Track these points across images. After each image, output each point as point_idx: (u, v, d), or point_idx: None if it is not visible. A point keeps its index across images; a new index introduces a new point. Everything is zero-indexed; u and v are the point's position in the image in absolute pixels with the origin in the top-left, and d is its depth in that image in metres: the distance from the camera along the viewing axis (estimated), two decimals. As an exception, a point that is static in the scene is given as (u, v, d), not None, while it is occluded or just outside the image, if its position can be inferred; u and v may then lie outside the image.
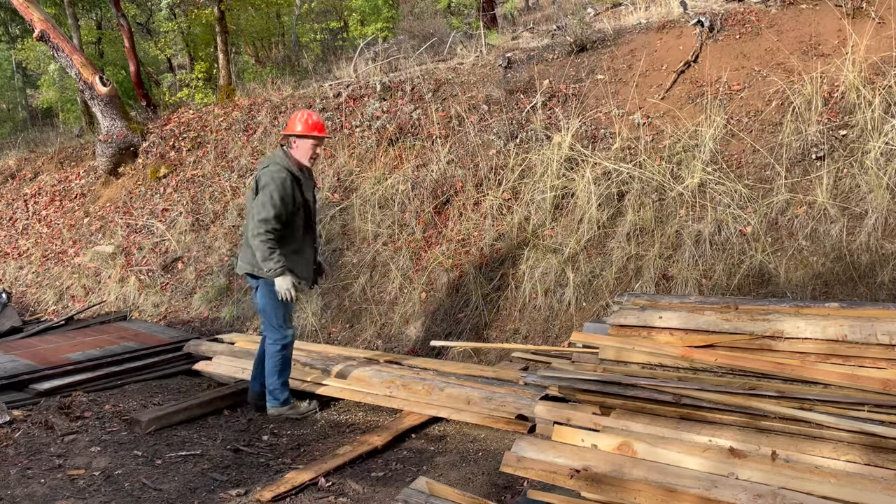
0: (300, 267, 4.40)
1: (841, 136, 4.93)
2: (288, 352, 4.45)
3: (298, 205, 4.29)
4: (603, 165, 5.60)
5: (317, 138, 4.36)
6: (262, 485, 3.47)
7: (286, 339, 4.42)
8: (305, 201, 4.34)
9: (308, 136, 4.33)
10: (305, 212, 4.36)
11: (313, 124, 4.34)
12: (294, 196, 4.25)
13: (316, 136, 4.34)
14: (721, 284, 4.70)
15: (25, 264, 9.06)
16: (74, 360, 5.43)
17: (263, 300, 4.37)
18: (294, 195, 4.25)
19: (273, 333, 4.39)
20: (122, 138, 9.42)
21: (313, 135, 4.33)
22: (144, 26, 19.27)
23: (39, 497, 3.40)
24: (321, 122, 4.39)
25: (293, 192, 4.24)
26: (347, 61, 9.86)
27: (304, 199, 4.32)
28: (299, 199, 4.29)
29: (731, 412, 2.92)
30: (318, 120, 4.38)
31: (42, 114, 24.34)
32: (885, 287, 4.20)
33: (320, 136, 4.37)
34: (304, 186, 4.32)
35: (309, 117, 4.35)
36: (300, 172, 4.32)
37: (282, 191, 4.17)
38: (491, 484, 3.40)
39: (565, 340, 4.77)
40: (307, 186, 4.39)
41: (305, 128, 4.33)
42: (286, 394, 4.49)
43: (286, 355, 4.44)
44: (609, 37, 6.98)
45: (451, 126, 6.84)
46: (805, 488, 2.51)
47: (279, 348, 4.39)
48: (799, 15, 6.02)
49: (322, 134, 4.37)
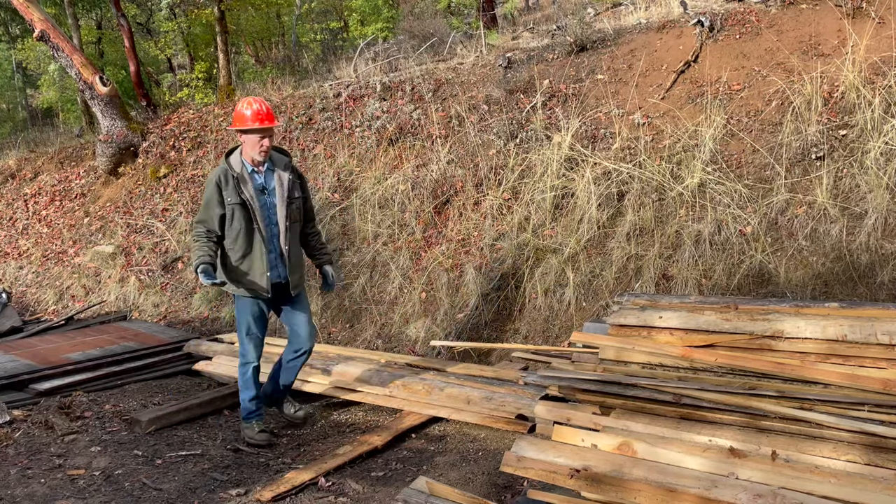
0: (248, 276, 3.95)
1: (841, 136, 4.93)
2: (247, 375, 4.14)
3: (232, 206, 3.87)
4: (603, 165, 5.60)
5: (259, 131, 3.87)
6: (262, 485, 3.47)
7: (245, 360, 4.13)
8: (243, 202, 3.86)
9: (248, 130, 3.88)
10: (245, 213, 3.88)
11: (252, 115, 3.86)
12: (222, 198, 3.86)
13: (257, 128, 3.86)
14: (721, 284, 4.70)
15: (25, 264, 9.06)
16: (74, 360, 5.43)
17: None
18: (222, 197, 3.86)
19: (239, 348, 4.17)
20: (122, 138, 9.42)
21: (254, 127, 3.86)
22: (144, 26, 19.26)
23: (39, 497, 3.40)
24: (262, 110, 3.88)
25: (221, 193, 3.85)
26: (347, 61, 9.86)
27: (241, 200, 3.86)
28: (233, 199, 3.85)
29: (731, 412, 2.92)
30: (258, 109, 3.88)
31: (42, 114, 24.34)
32: (885, 287, 4.20)
33: (261, 129, 3.86)
34: (243, 184, 3.88)
35: (248, 107, 3.89)
36: (244, 169, 3.92)
37: (207, 193, 3.90)
38: (491, 484, 3.40)
39: (565, 340, 4.77)
40: (255, 184, 3.93)
41: (243, 121, 3.89)
42: (247, 411, 4.18)
43: (246, 377, 4.14)
44: (609, 37, 6.98)
45: (451, 126, 6.84)
46: (805, 488, 2.50)
47: (241, 363, 4.17)
48: (799, 15, 6.02)
49: (262, 125, 3.85)
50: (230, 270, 3.99)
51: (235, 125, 3.92)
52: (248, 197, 3.88)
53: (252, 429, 4.14)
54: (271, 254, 3.97)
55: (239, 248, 3.93)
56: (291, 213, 4.01)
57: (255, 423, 4.16)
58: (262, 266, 3.94)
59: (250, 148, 3.90)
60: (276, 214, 3.97)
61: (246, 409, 4.19)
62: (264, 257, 3.93)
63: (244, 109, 3.89)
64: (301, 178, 4.16)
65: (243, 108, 3.89)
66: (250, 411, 4.18)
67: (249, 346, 4.11)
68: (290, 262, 4.04)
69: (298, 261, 4.15)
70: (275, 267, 3.99)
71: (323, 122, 7.94)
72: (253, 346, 4.12)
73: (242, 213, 3.88)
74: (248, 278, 3.96)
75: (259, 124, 3.85)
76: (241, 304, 4.06)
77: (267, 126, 3.87)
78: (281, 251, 4.00)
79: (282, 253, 4.00)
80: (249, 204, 3.88)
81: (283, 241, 3.99)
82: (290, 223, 4.01)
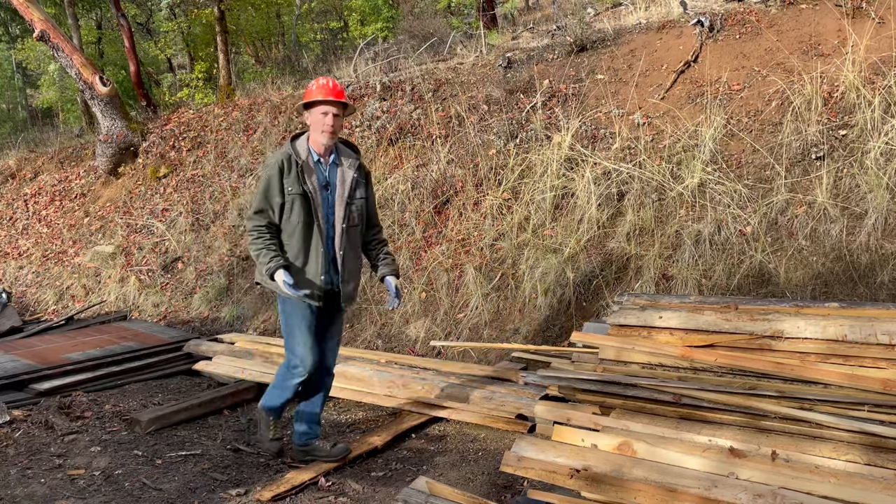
0: (303, 276, 3.48)
1: (841, 136, 4.93)
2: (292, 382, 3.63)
3: (293, 197, 3.43)
4: (603, 165, 5.60)
5: (324, 103, 3.45)
6: (262, 484, 3.47)
7: (296, 371, 3.57)
8: (305, 193, 3.43)
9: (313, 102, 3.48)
10: (307, 206, 3.44)
11: (318, 87, 3.49)
12: (283, 186, 3.42)
13: (321, 100, 3.45)
14: (721, 284, 4.70)
15: (25, 264, 9.06)
16: (74, 360, 5.43)
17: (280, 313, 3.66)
18: (282, 185, 3.42)
19: (287, 355, 3.63)
20: (122, 138, 9.42)
21: (317, 99, 3.46)
22: (144, 26, 19.28)
23: (39, 497, 3.40)
24: (328, 84, 3.49)
25: (282, 179, 3.42)
26: (347, 61, 9.86)
27: (303, 191, 3.43)
28: (294, 189, 3.42)
29: (731, 412, 2.92)
30: (325, 83, 3.50)
31: (42, 114, 24.35)
32: (885, 287, 4.20)
33: (328, 101, 3.44)
34: (307, 174, 3.45)
35: (317, 82, 3.52)
36: (310, 157, 3.49)
37: (266, 178, 3.46)
38: (491, 484, 3.40)
39: (565, 340, 4.77)
40: (319, 173, 3.51)
41: (308, 94, 3.51)
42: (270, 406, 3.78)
43: (288, 383, 3.64)
44: (609, 37, 6.98)
45: (451, 126, 6.84)
46: (805, 488, 2.51)
47: (285, 369, 3.65)
48: (799, 15, 6.02)
49: (326, 97, 3.45)
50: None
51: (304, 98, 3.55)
52: (311, 189, 3.44)
53: (267, 428, 3.77)
54: (326, 257, 3.52)
55: (295, 245, 3.47)
56: (350, 214, 3.56)
57: (273, 422, 3.77)
58: (317, 267, 3.49)
59: (315, 127, 3.48)
60: (334, 215, 3.52)
61: (270, 403, 3.75)
62: (320, 258, 3.49)
63: (311, 85, 3.52)
64: (367, 178, 3.70)
65: (311, 85, 3.53)
66: (273, 407, 3.75)
67: (303, 351, 3.53)
68: (343, 269, 3.56)
69: (354, 270, 3.64)
70: (327, 272, 3.52)
71: (323, 122, 7.93)
72: (312, 356, 3.54)
73: (303, 205, 3.44)
74: (301, 279, 3.46)
75: (323, 96, 3.44)
76: (291, 307, 3.53)
77: (333, 99, 3.44)
78: (334, 255, 3.54)
79: (335, 258, 3.54)
80: (311, 197, 3.44)
81: (337, 245, 3.53)
82: (348, 226, 3.55)
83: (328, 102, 3.45)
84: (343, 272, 3.56)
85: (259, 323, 6.49)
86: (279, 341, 5.63)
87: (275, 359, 5.15)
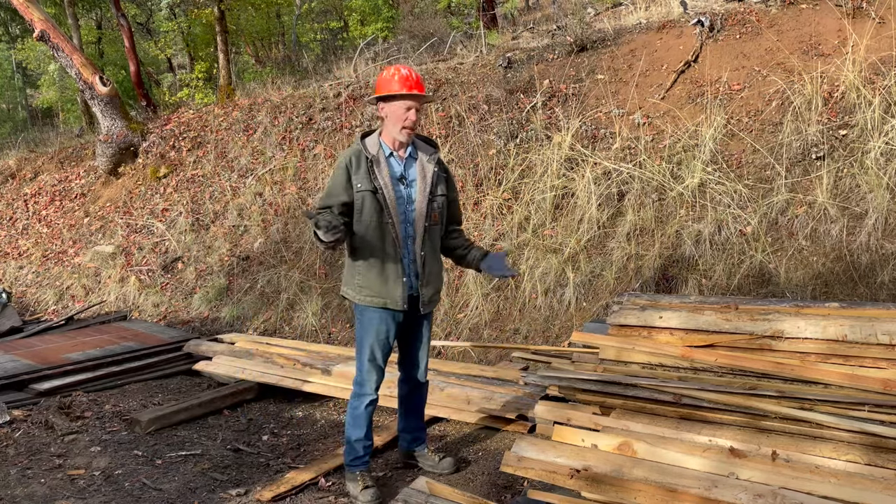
0: (381, 280, 3.20)
1: (841, 136, 4.93)
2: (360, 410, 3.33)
3: (362, 194, 3.14)
4: (603, 165, 5.60)
5: (407, 97, 3.17)
6: (262, 485, 3.47)
7: (361, 391, 3.33)
8: (375, 189, 3.14)
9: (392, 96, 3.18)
10: (377, 204, 3.15)
11: (400, 79, 3.17)
12: (350, 183, 3.15)
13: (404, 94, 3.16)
14: (721, 284, 4.70)
15: (25, 264, 9.06)
16: (74, 360, 5.43)
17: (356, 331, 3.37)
18: (350, 182, 3.15)
19: (356, 373, 3.38)
20: (122, 138, 9.42)
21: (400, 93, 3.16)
22: (144, 26, 19.28)
23: (39, 497, 3.40)
24: (410, 76, 3.19)
25: (350, 177, 3.15)
26: (347, 61, 9.86)
27: (373, 187, 3.14)
28: (363, 185, 3.14)
29: (731, 412, 2.92)
30: (406, 74, 3.18)
31: (42, 114, 24.36)
32: (885, 287, 4.20)
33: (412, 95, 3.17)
34: (377, 169, 3.17)
35: (396, 72, 3.19)
36: (381, 151, 3.22)
37: (333, 177, 3.21)
38: (491, 484, 3.40)
39: (565, 340, 4.77)
40: (392, 167, 3.23)
41: (386, 85, 3.19)
42: (353, 455, 3.37)
43: (358, 412, 3.33)
44: (609, 37, 6.98)
45: (451, 126, 6.84)
46: (805, 488, 2.50)
47: (351, 397, 3.38)
48: (799, 15, 6.02)
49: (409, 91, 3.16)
50: (357, 274, 3.24)
51: (377, 93, 3.21)
52: (382, 184, 3.15)
53: (356, 482, 3.32)
54: (404, 258, 3.23)
55: (369, 247, 3.18)
56: (432, 211, 3.26)
57: (360, 474, 3.34)
58: (396, 270, 3.19)
59: (393, 122, 3.19)
60: (414, 211, 3.23)
61: (352, 452, 3.36)
62: (399, 260, 3.20)
63: (388, 75, 3.19)
64: (448, 174, 3.42)
65: (387, 74, 3.20)
66: (356, 456, 3.36)
67: (370, 375, 3.29)
68: (424, 271, 3.27)
69: (436, 273, 3.36)
70: (407, 275, 3.23)
71: (323, 122, 7.94)
72: (375, 375, 3.30)
73: (374, 203, 3.15)
74: (379, 285, 3.19)
75: (406, 90, 3.14)
76: (367, 319, 3.26)
77: (416, 93, 3.16)
78: (415, 256, 3.24)
79: (415, 259, 3.24)
80: (382, 192, 3.15)
81: (418, 245, 3.24)
82: (430, 224, 3.27)
83: (411, 97, 3.16)
84: (423, 275, 3.27)
85: (259, 323, 6.49)
86: (279, 341, 5.63)
87: (275, 359, 5.14)
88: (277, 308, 6.48)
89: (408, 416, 3.63)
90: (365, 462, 3.38)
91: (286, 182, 7.70)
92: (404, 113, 3.17)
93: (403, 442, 3.68)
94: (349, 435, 3.35)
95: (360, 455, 3.35)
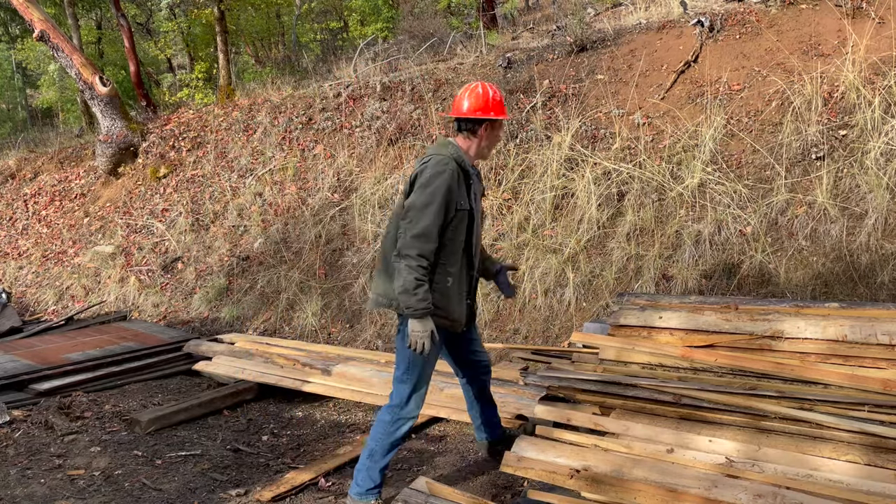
0: (454, 303, 3.04)
1: (841, 136, 4.93)
2: (400, 433, 3.10)
3: (463, 213, 2.99)
4: (603, 165, 5.60)
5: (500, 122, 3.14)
6: (262, 485, 3.47)
7: (404, 415, 3.08)
8: (472, 210, 3.03)
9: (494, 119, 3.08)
10: (469, 225, 3.04)
11: (499, 103, 3.09)
12: (458, 200, 2.96)
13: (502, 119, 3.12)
14: (721, 284, 4.70)
15: (25, 264, 9.06)
16: (74, 360, 5.43)
17: (399, 339, 3.09)
18: (458, 199, 2.96)
19: (396, 394, 3.11)
20: (122, 138, 9.42)
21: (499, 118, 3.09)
22: (144, 26, 19.28)
23: (39, 497, 3.40)
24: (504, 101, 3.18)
25: (457, 194, 2.96)
26: (347, 61, 9.86)
27: (470, 208, 3.02)
28: (465, 205, 2.99)
29: (731, 412, 2.92)
30: (502, 98, 3.14)
31: (42, 114, 24.37)
32: (885, 287, 4.20)
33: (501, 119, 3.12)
34: (473, 188, 3.07)
35: (495, 94, 3.09)
36: (472, 169, 3.10)
37: (439, 191, 2.89)
38: (491, 484, 3.40)
39: (565, 340, 4.77)
40: (477, 189, 3.14)
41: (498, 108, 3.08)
42: (371, 483, 3.11)
43: (396, 436, 3.09)
44: (609, 37, 6.98)
45: (451, 126, 6.84)
46: (805, 488, 2.50)
47: (390, 420, 3.08)
48: (799, 15, 6.02)
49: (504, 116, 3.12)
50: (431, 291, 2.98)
51: (489, 113, 3.05)
52: (473, 203, 3.06)
53: None
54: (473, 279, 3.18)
55: (448, 268, 3.02)
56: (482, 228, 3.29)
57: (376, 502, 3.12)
58: (461, 290, 3.08)
59: (490, 143, 3.12)
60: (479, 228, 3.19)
61: (372, 479, 3.11)
62: (463, 280, 3.09)
63: (495, 96, 3.08)
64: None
65: (492, 95, 3.07)
66: (375, 485, 3.11)
67: (417, 395, 3.09)
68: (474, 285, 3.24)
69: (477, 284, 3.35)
70: (469, 293, 3.16)
71: (323, 122, 7.94)
72: (421, 396, 3.12)
73: (465, 223, 3.02)
74: (446, 304, 3.02)
75: (505, 115, 3.13)
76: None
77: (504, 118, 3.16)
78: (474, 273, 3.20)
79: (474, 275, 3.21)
80: (473, 211, 3.05)
81: (476, 263, 3.21)
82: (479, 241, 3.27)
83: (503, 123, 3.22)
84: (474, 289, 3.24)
85: (259, 323, 6.49)
86: (279, 341, 5.62)
87: (274, 359, 5.14)
88: (277, 308, 6.48)
89: (485, 409, 3.53)
90: (380, 490, 3.14)
91: (286, 182, 7.70)
92: (501, 135, 3.25)
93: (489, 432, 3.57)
94: (375, 460, 3.09)
95: (378, 484, 3.12)
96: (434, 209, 2.89)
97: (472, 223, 3.05)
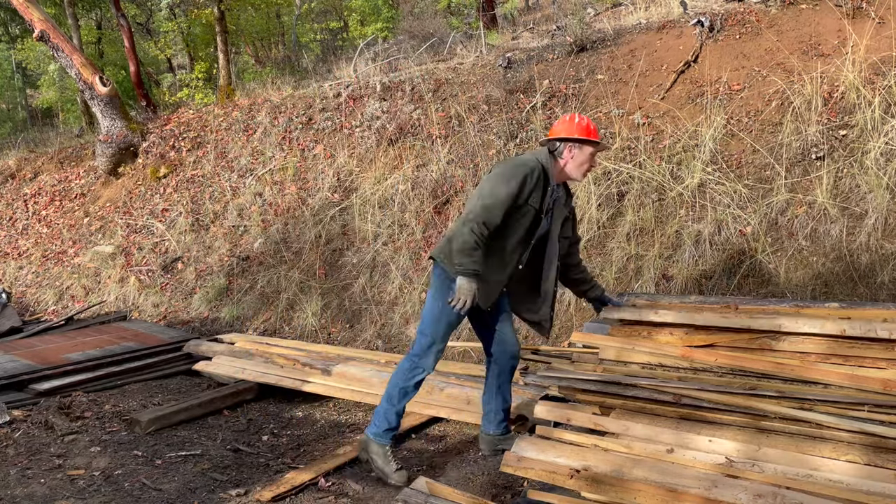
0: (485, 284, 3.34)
1: (841, 136, 4.93)
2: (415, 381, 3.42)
3: (529, 210, 3.31)
4: (603, 165, 5.60)
5: (597, 147, 3.44)
6: (262, 485, 3.47)
7: (421, 365, 3.41)
8: (538, 213, 3.34)
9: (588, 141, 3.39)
10: (532, 226, 3.36)
11: (594, 131, 3.45)
12: (529, 197, 3.27)
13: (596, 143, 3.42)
14: (721, 284, 4.70)
15: (25, 264, 9.06)
16: (74, 360, 5.43)
17: (430, 295, 3.41)
18: (529, 196, 3.27)
19: (417, 344, 3.42)
20: (122, 138, 9.42)
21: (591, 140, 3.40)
22: (144, 26, 19.29)
23: (39, 497, 3.40)
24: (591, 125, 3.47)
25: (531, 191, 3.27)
26: (347, 61, 9.87)
27: (537, 209, 3.33)
28: (535, 204, 3.31)
29: (731, 412, 2.92)
30: (595, 127, 3.51)
31: (42, 114, 24.37)
32: (885, 287, 4.20)
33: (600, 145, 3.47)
34: (547, 196, 3.36)
35: (589, 123, 3.45)
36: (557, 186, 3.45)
37: (509, 181, 3.22)
38: (491, 484, 3.40)
39: (565, 340, 4.77)
40: (555, 202, 3.45)
41: (586, 131, 3.40)
42: (387, 424, 3.46)
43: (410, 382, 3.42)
44: (609, 37, 6.98)
45: (451, 126, 6.84)
46: (805, 488, 2.50)
47: (409, 367, 3.42)
48: (799, 15, 6.02)
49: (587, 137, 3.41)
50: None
51: (574, 133, 3.38)
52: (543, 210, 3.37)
53: (387, 459, 3.44)
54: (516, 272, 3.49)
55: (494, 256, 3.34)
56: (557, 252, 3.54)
57: (390, 450, 3.47)
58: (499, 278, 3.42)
59: (578, 165, 3.41)
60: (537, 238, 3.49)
61: (387, 421, 3.44)
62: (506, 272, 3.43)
63: (581, 122, 3.42)
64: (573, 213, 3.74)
65: (578, 121, 3.43)
66: (391, 427, 3.46)
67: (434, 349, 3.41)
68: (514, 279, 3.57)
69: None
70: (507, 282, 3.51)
71: (323, 122, 7.94)
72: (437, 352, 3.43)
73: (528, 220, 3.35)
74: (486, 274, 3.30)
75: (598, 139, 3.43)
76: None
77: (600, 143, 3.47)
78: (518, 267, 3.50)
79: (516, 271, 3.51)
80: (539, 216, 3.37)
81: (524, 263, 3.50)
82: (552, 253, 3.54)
83: (599, 145, 3.46)
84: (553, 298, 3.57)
85: (259, 323, 6.49)
86: (279, 341, 5.63)
87: (274, 359, 5.14)
88: (277, 308, 6.48)
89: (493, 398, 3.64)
90: (394, 436, 3.46)
91: (286, 182, 7.70)
92: (589, 159, 3.42)
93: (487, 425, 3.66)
94: (391, 402, 3.40)
95: (393, 427, 3.44)
96: (507, 191, 3.21)
97: (536, 226, 3.37)
